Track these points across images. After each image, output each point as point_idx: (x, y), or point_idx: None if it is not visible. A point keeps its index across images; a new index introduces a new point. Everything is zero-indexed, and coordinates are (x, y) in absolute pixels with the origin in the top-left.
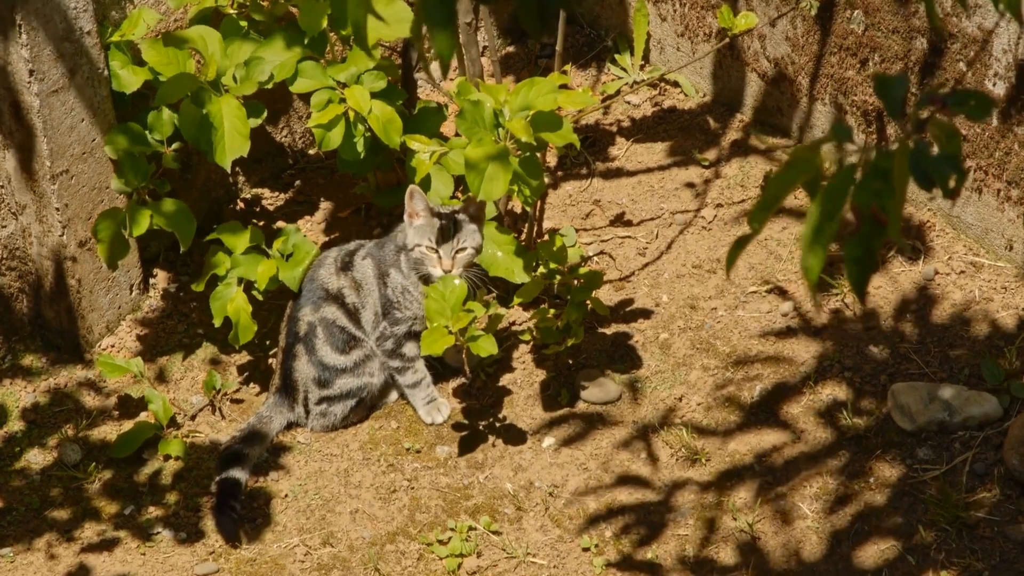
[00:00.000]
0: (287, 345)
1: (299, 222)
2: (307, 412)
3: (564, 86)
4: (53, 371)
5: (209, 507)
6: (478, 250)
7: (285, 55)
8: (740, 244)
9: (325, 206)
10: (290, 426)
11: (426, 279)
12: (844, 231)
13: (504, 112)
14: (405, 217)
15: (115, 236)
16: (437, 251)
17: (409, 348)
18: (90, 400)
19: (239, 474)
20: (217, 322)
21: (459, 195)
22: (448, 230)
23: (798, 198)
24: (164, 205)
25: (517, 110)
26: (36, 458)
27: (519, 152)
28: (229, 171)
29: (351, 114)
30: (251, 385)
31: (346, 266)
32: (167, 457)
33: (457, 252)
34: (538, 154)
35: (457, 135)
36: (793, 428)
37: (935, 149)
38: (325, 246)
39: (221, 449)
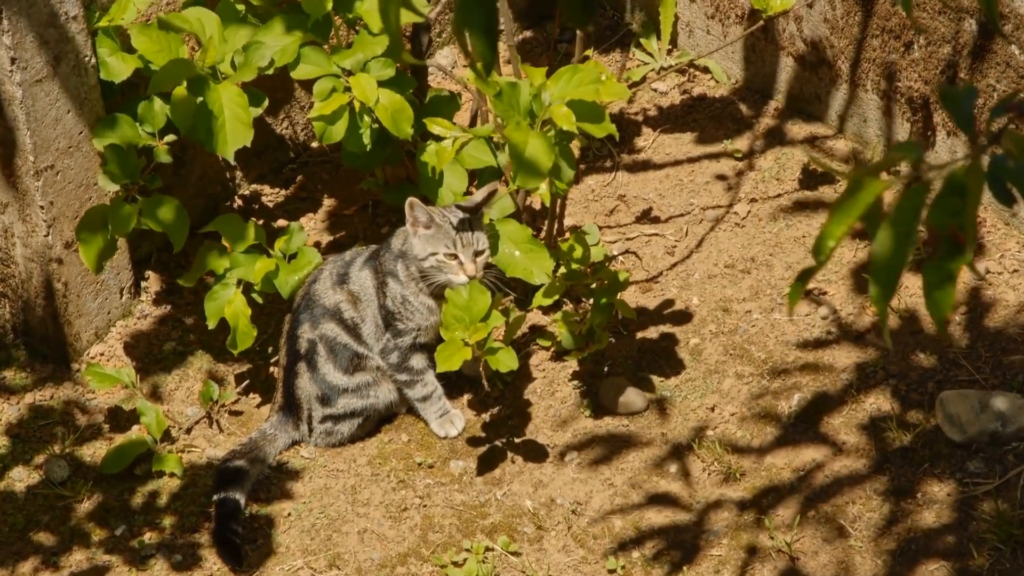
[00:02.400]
0: (288, 363)
1: (301, 220)
2: (311, 430)
3: None
4: (38, 382)
5: (207, 529)
6: (494, 248)
7: (286, 39)
8: (803, 278)
9: (329, 203)
10: (293, 443)
11: (440, 291)
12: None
13: (543, 97)
14: (408, 227)
15: (100, 237)
16: (457, 257)
17: (416, 360)
18: (78, 413)
19: (238, 494)
20: (211, 324)
21: (472, 190)
22: (465, 235)
23: (837, 191)
24: (155, 202)
25: (557, 97)
26: (20, 475)
27: (553, 141)
28: (232, 162)
29: (356, 104)
30: (251, 396)
31: (342, 279)
32: (161, 474)
33: (477, 255)
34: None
35: (471, 126)
36: (834, 440)
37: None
38: (329, 245)
39: (218, 465)
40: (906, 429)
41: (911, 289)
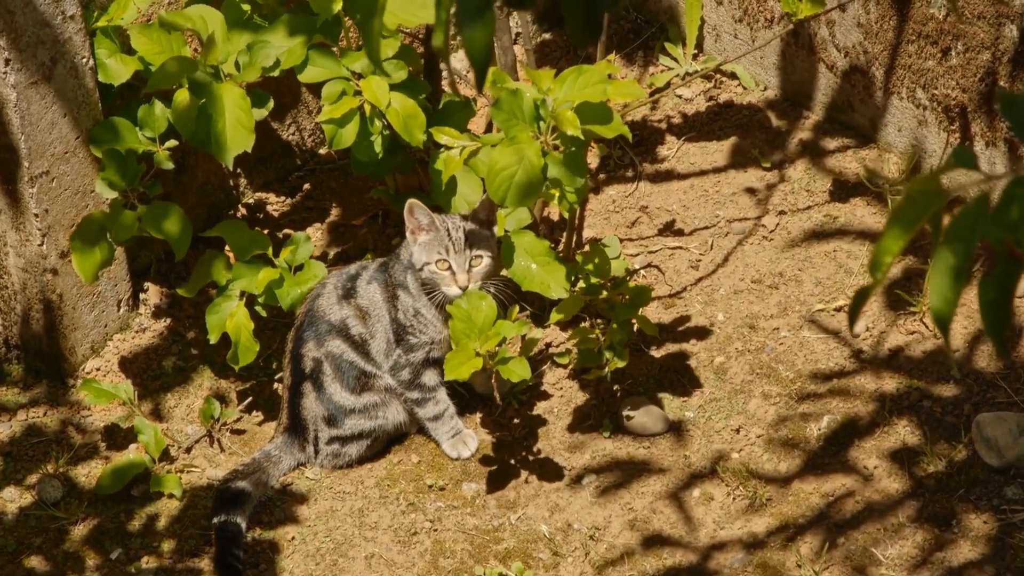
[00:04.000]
0: (293, 383)
1: (308, 230)
2: (317, 452)
3: (610, 77)
4: (31, 398)
5: (208, 553)
6: (495, 259)
7: (293, 41)
8: (862, 296)
9: (337, 212)
10: (298, 464)
11: (440, 302)
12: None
13: (547, 102)
14: (407, 234)
15: (96, 246)
16: (449, 266)
17: (429, 377)
18: (73, 431)
19: (239, 517)
20: (213, 338)
21: None
22: (459, 241)
23: (870, 204)
24: (155, 210)
25: (562, 101)
26: (12, 496)
27: (561, 148)
28: (232, 168)
29: (367, 108)
30: (254, 413)
31: (348, 293)
32: (159, 495)
33: (472, 263)
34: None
35: (487, 132)
36: (865, 465)
37: None
38: (337, 257)
39: (219, 485)
40: (940, 454)
41: None
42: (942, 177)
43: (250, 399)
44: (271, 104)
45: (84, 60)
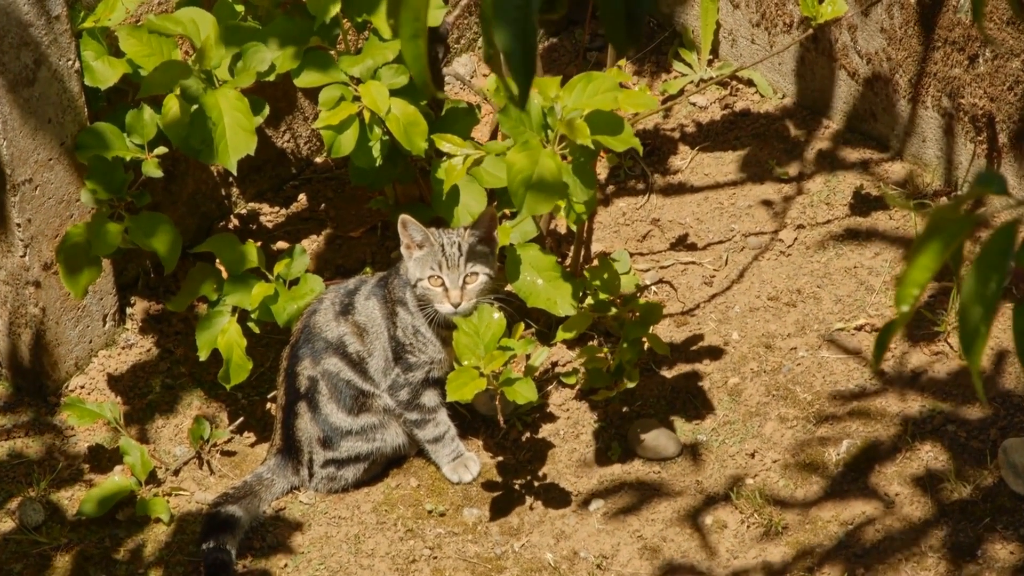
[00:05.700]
0: (287, 402)
1: (304, 242)
2: (311, 475)
3: (620, 84)
4: (12, 416)
5: None
6: (493, 276)
7: (289, 44)
8: (888, 332)
9: (334, 224)
10: (292, 488)
11: (435, 320)
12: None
13: (555, 110)
14: (403, 249)
15: (84, 259)
16: (442, 282)
17: (428, 397)
18: (55, 452)
19: (229, 543)
20: (203, 355)
21: None
22: (452, 257)
23: (893, 218)
24: (143, 221)
25: (571, 109)
26: None
27: (569, 159)
28: (235, 172)
29: (366, 114)
30: (245, 434)
31: (346, 309)
32: (146, 519)
33: (467, 280)
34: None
35: (491, 140)
36: (886, 491)
37: None
38: (335, 271)
39: (207, 510)
40: (965, 480)
41: None
42: (968, 202)
43: (241, 419)
44: (266, 111)
45: (70, 63)
